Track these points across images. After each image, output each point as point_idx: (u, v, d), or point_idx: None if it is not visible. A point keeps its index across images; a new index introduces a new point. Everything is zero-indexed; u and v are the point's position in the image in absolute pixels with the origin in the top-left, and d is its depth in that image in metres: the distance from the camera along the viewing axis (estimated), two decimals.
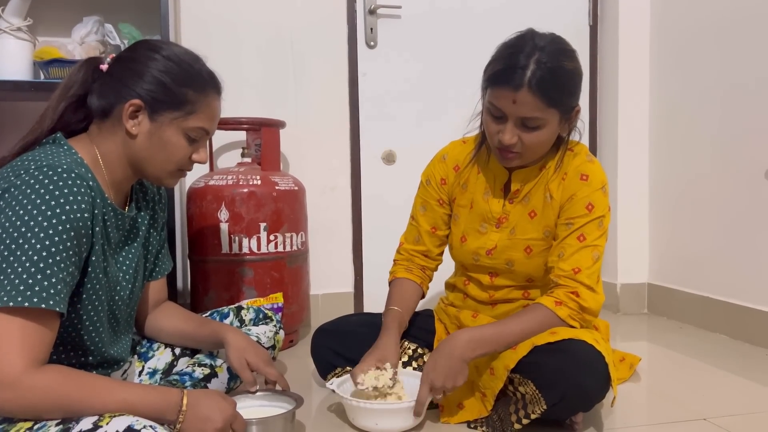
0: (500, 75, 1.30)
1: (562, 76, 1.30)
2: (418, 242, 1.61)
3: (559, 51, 1.31)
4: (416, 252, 1.61)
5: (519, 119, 1.31)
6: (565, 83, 1.31)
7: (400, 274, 1.60)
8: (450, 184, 1.57)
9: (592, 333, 1.34)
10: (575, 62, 1.34)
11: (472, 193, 1.53)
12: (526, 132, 1.32)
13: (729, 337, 2.20)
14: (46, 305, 0.93)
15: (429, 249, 1.60)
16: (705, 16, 2.32)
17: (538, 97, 1.27)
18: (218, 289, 1.99)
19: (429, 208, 1.59)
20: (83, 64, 1.16)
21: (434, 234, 1.59)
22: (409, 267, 1.61)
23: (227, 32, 2.36)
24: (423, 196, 1.60)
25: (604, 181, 1.42)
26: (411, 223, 1.64)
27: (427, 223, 1.59)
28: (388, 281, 1.64)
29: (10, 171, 1.01)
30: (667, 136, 2.54)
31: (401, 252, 1.64)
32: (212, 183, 2.00)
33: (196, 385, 1.34)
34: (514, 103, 1.29)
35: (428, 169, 1.61)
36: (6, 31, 1.86)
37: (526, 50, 1.29)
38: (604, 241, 1.41)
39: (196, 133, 1.16)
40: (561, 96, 1.31)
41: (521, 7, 2.61)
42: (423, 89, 2.58)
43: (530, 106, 1.29)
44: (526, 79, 1.26)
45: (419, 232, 1.60)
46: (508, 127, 1.33)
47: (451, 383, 1.29)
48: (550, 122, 1.33)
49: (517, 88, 1.27)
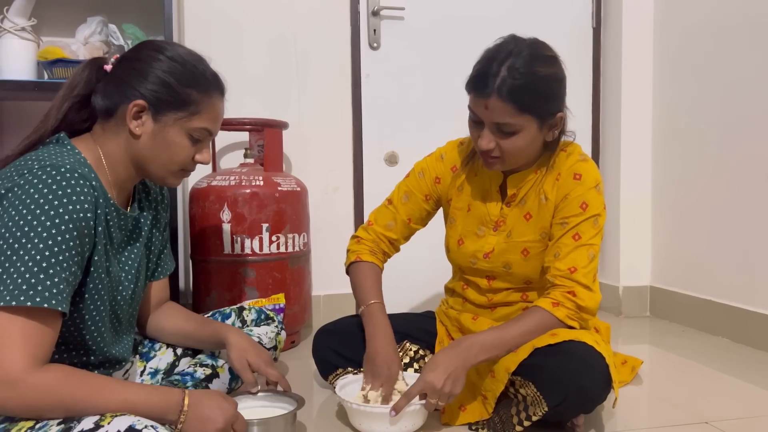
0: (473, 81, 1.34)
1: (535, 81, 1.30)
2: (390, 229, 1.60)
3: (534, 56, 1.31)
4: (384, 237, 1.60)
5: (493, 125, 1.33)
6: (537, 89, 1.31)
7: (366, 257, 1.58)
8: (444, 185, 1.57)
9: (592, 334, 1.34)
10: (553, 67, 1.34)
11: (469, 195, 1.53)
12: (502, 138, 1.34)
13: (731, 340, 2.20)
14: (49, 305, 0.93)
15: (398, 239, 1.61)
16: (708, 19, 2.32)
17: (508, 103, 1.28)
18: (220, 289, 1.99)
19: (412, 199, 1.58)
20: (87, 64, 1.16)
21: (408, 225, 1.60)
22: (374, 250, 1.60)
23: (230, 33, 2.36)
24: (410, 186, 1.59)
25: (597, 179, 1.42)
26: (387, 206, 1.61)
27: (406, 213, 1.59)
28: (350, 260, 1.60)
29: (14, 170, 1.02)
30: (669, 138, 2.54)
31: (369, 231, 1.61)
32: (215, 183, 2.00)
33: (197, 385, 1.34)
34: (486, 109, 1.31)
35: (423, 163, 1.61)
36: (10, 31, 1.87)
37: (500, 57, 1.30)
38: (599, 240, 1.40)
39: (199, 134, 1.17)
40: (534, 101, 1.31)
41: (524, 10, 2.61)
42: (426, 91, 2.58)
43: (501, 112, 1.30)
44: (496, 85, 1.28)
45: (395, 219, 1.59)
46: (485, 132, 1.35)
47: (448, 388, 1.28)
48: (526, 128, 1.33)
49: (488, 95, 1.29)
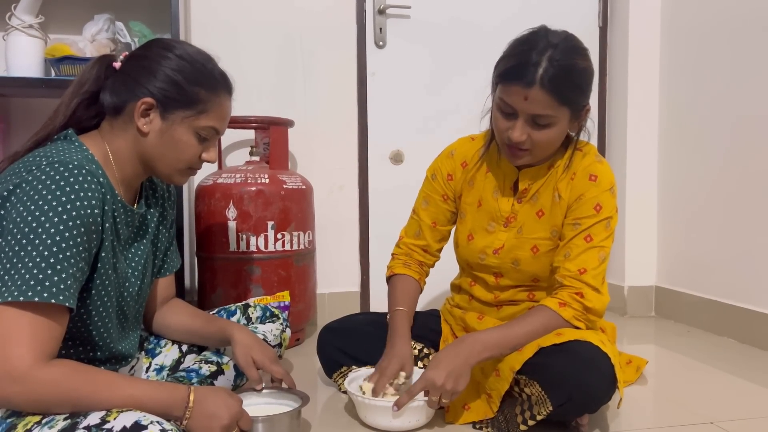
0: (512, 71, 1.29)
1: (575, 74, 1.29)
2: (419, 237, 1.60)
3: (573, 48, 1.30)
4: (416, 246, 1.61)
5: (530, 116, 1.31)
6: (577, 81, 1.31)
7: (399, 270, 1.59)
8: (457, 180, 1.56)
9: (598, 334, 1.34)
10: (587, 61, 1.33)
11: (480, 191, 1.53)
12: (536, 130, 1.32)
13: (737, 340, 2.19)
14: (56, 300, 0.94)
15: (429, 244, 1.60)
16: (715, 18, 2.31)
17: (550, 94, 1.26)
18: (225, 286, 2.00)
19: (432, 203, 1.59)
20: (97, 61, 1.17)
21: (435, 229, 1.59)
22: (407, 262, 1.61)
23: (237, 31, 2.37)
24: (427, 191, 1.60)
25: (612, 181, 1.42)
26: (412, 217, 1.63)
27: (429, 217, 1.59)
28: (386, 276, 1.63)
29: (22, 167, 1.02)
30: (676, 138, 2.53)
31: (400, 246, 1.64)
32: (221, 181, 2.01)
33: (202, 382, 1.34)
34: (525, 100, 1.28)
35: (435, 164, 1.61)
36: (18, 28, 1.87)
37: (539, 47, 1.28)
38: (610, 242, 1.40)
39: (206, 133, 1.17)
40: (573, 94, 1.30)
41: (531, 7, 2.61)
42: (432, 89, 2.58)
43: (542, 104, 1.28)
44: (539, 76, 1.26)
45: (420, 226, 1.60)
46: (518, 124, 1.32)
47: (451, 385, 1.28)
48: (561, 120, 1.32)
49: (529, 85, 1.26)
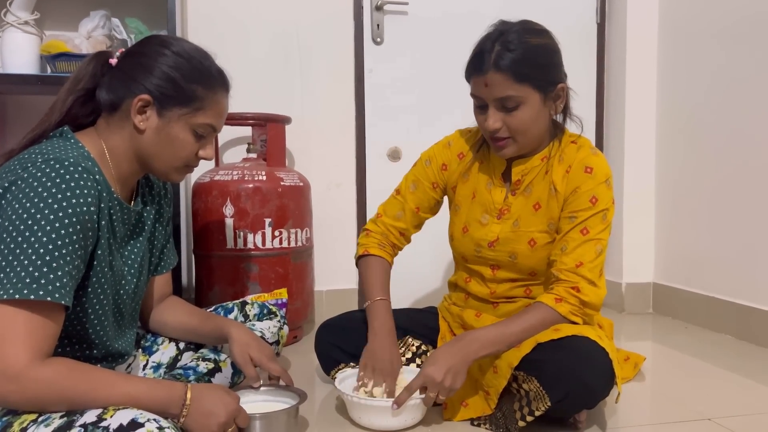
0: (471, 64, 1.38)
1: (529, 51, 1.33)
2: (399, 219, 1.60)
3: (525, 30, 1.36)
4: (394, 228, 1.60)
5: (497, 102, 1.35)
6: (532, 57, 1.33)
7: (374, 251, 1.58)
8: (451, 171, 1.57)
9: (595, 330, 1.34)
10: (545, 38, 1.38)
11: (474, 183, 1.53)
12: (507, 114, 1.35)
13: (734, 337, 2.20)
14: (52, 298, 0.94)
15: (408, 228, 1.60)
16: (713, 15, 2.30)
17: (505, 74, 1.31)
18: (223, 284, 1.99)
19: (420, 188, 1.58)
20: (93, 57, 1.16)
21: (417, 214, 1.60)
22: (382, 243, 1.60)
23: (234, 27, 2.36)
24: (417, 175, 1.60)
25: (608, 174, 1.42)
26: (396, 197, 1.62)
27: (414, 201, 1.59)
28: (359, 253, 1.60)
29: (18, 164, 1.02)
30: (674, 134, 2.53)
31: (377, 224, 1.62)
32: (218, 178, 2.00)
33: (199, 379, 1.34)
34: (486, 87, 1.34)
35: (430, 151, 1.61)
36: (13, 24, 1.87)
37: (492, 36, 1.35)
38: (607, 235, 1.40)
39: (203, 130, 1.17)
40: (531, 70, 1.33)
41: (528, 4, 2.59)
42: (429, 86, 2.57)
43: (501, 86, 1.32)
44: (492, 60, 1.32)
45: (404, 208, 1.59)
46: (490, 112, 1.36)
47: (448, 382, 1.28)
48: (530, 100, 1.34)
49: (485, 72, 1.33)
